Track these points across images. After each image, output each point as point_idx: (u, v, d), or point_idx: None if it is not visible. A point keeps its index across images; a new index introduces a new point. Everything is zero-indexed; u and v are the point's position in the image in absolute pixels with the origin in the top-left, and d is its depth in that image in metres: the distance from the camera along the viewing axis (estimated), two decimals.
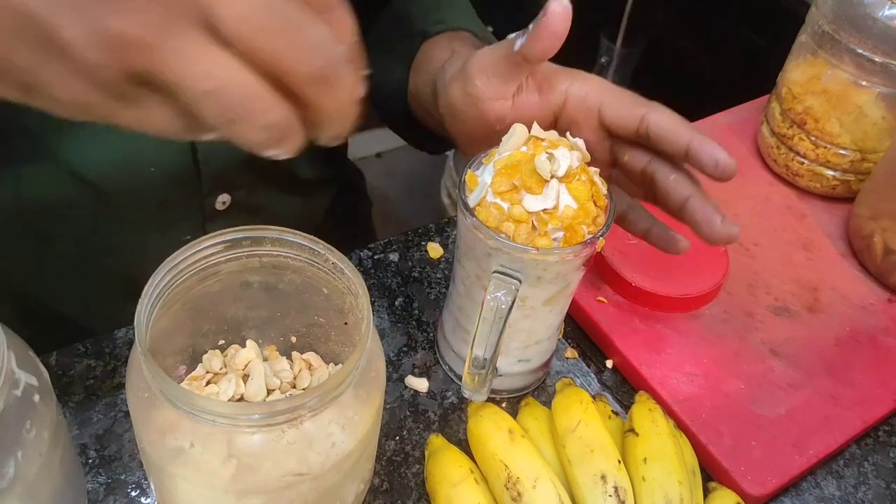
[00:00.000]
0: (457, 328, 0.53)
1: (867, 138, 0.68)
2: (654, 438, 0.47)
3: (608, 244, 0.60)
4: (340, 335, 0.47)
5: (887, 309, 0.63)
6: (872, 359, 0.59)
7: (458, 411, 0.54)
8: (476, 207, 0.45)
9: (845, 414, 0.55)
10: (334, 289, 0.43)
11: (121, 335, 0.55)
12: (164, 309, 0.40)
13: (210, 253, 0.41)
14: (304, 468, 0.39)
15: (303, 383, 0.46)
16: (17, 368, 0.36)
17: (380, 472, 0.50)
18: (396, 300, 0.60)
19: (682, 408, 0.54)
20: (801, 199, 0.73)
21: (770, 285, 0.64)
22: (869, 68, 0.64)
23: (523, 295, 0.46)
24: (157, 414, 0.38)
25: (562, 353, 0.58)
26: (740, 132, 0.78)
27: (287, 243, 0.42)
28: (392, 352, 0.57)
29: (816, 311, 0.62)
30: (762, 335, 0.60)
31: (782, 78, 0.72)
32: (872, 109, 0.66)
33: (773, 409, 0.55)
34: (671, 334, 0.59)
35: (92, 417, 0.50)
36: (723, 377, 0.56)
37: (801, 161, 0.71)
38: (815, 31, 0.67)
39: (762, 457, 0.52)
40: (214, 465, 0.38)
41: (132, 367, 0.39)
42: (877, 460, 0.55)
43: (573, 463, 0.45)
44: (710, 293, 0.61)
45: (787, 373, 0.57)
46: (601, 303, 0.60)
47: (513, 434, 0.47)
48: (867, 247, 0.65)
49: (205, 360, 0.46)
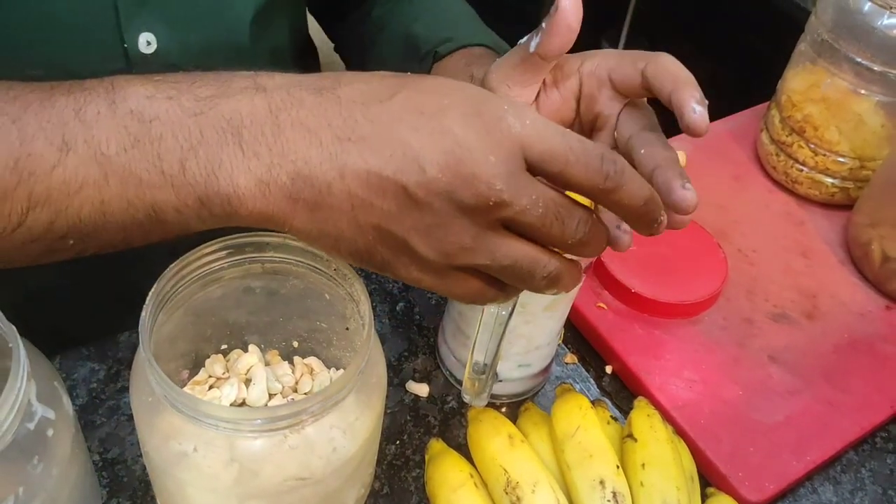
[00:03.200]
0: (457, 333, 0.53)
1: (866, 146, 0.68)
2: (653, 444, 0.47)
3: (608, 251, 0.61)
4: (342, 340, 0.47)
5: (885, 316, 0.64)
6: (870, 366, 0.59)
7: (459, 416, 0.54)
8: None
9: (843, 420, 0.55)
10: (336, 294, 0.43)
11: (124, 339, 0.55)
12: (167, 314, 0.41)
13: (213, 259, 0.41)
14: (306, 472, 0.39)
15: (304, 388, 0.47)
16: (35, 401, 0.35)
17: (380, 476, 0.50)
18: (398, 305, 0.60)
19: (680, 414, 0.54)
20: (801, 206, 0.73)
21: (769, 292, 0.64)
22: (868, 77, 0.65)
23: (523, 301, 0.46)
24: (160, 418, 0.39)
25: (561, 358, 0.59)
26: (740, 139, 0.79)
27: (290, 249, 0.42)
28: (393, 357, 0.57)
29: (815, 318, 0.63)
30: (761, 342, 0.60)
31: (782, 86, 0.73)
32: (871, 117, 0.67)
33: (772, 415, 0.55)
34: (670, 340, 0.59)
35: (95, 421, 0.50)
36: (721, 383, 0.57)
37: (800, 168, 0.72)
38: (814, 39, 0.68)
39: (760, 463, 0.52)
40: (217, 469, 0.39)
41: (136, 372, 0.40)
42: (874, 466, 0.55)
43: (572, 468, 0.46)
44: (710, 300, 0.61)
45: (786, 379, 0.58)
46: (601, 309, 0.60)
47: (512, 439, 0.47)
48: (865, 254, 0.66)
49: (207, 365, 0.47)
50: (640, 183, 0.37)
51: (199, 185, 0.35)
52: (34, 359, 0.36)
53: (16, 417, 0.33)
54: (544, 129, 0.35)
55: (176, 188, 0.35)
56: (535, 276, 0.37)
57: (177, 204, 0.36)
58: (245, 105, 0.36)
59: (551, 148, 0.35)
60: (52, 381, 0.37)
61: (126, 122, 0.35)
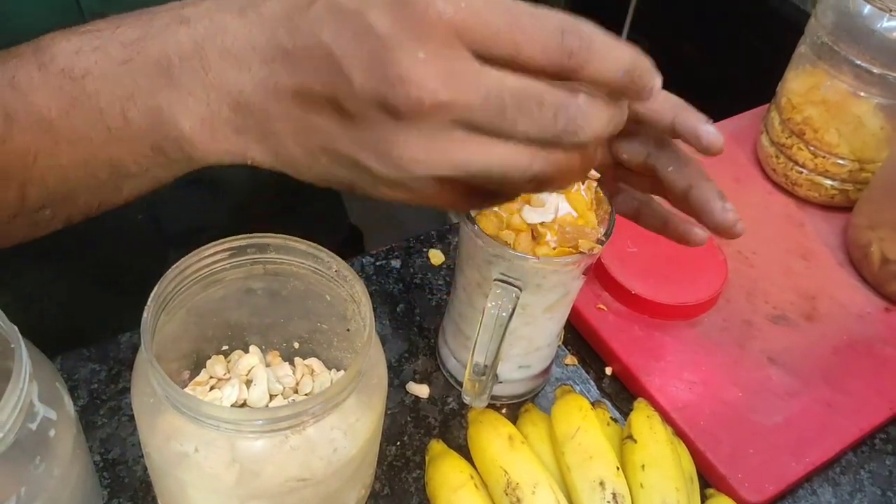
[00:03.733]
0: (458, 335, 0.54)
1: (865, 148, 0.68)
2: (653, 445, 0.47)
3: (608, 252, 0.61)
4: (343, 341, 0.47)
5: (884, 318, 0.64)
6: (869, 367, 0.60)
7: (459, 417, 0.54)
8: (477, 215, 0.46)
9: (842, 422, 0.55)
10: (337, 296, 0.43)
11: (125, 339, 0.55)
12: (169, 315, 0.41)
13: (215, 260, 0.41)
14: (307, 473, 0.39)
15: (305, 389, 0.47)
16: (37, 401, 0.35)
17: (381, 477, 0.50)
18: (398, 306, 0.61)
19: (680, 415, 0.54)
20: (800, 208, 0.73)
21: (768, 294, 0.64)
22: (867, 79, 0.65)
23: (524, 302, 0.46)
24: (161, 419, 0.39)
25: (561, 360, 0.59)
26: (740, 141, 0.79)
27: (291, 251, 0.42)
28: (393, 358, 0.57)
29: (814, 320, 0.63)
30: (760, 343, 0.60)
31: (782, 88, 0.73)
32: (871, 120, 0.67)
33: (771, 416, 0.55)
34: (670, 342, 0.59)
35: (96, 421, 0.50)
36: (721, 385, 0.57)
37: (800, 170, 0.72)
38: (814, 41, 0.68)
39: (760, 464, 0.52)
40: (218, 469, 0.39)
41: (138, 373, 0.40)
42: (873, 468, 0.55)
43: (572, 469, 0.46)
44: (709, 301, 0.61)
45: (785, 381, 0.58)
46: (601, 310, 0.60)
47: (513, 440, 0.47)
48: (865, 256, 0.66)
49: (208, 366, 0.47)
50: (614, 51, 0.31)
51: (147, 133, 0.34)
52: (36, 359, 0.36)
53: (18, 418, 0.33)
54: (483, 7, 0.30)
55: (126, 141, 0.34)
56: (515, 180, 0.32)
57: (133, 156, 0.34)
58: (170, 43, 0.33)
59: (495, 29, 0.30)
60: (53, 381, 0.37)
61: (60, 82, 0.34)
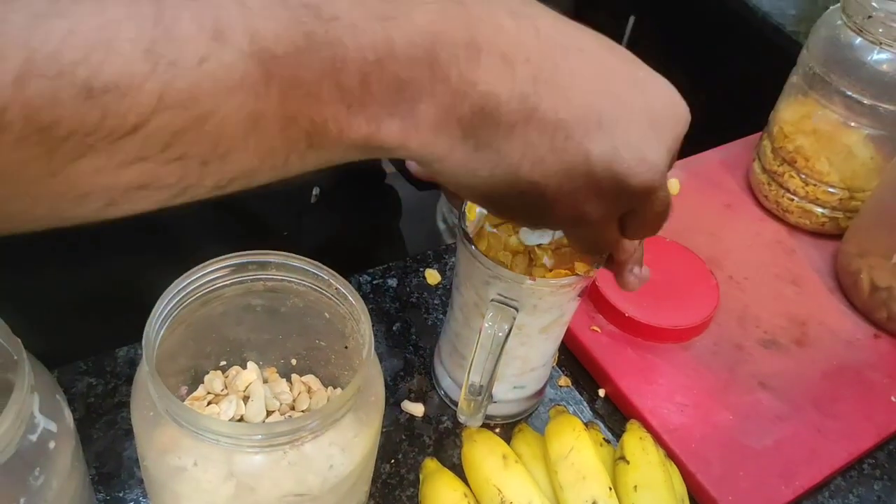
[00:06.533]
0: (454, 354, 0.54)
1: (856, 177, 0.70)
2: (645, 466, 0.48)
3: (603, 275, 0.61)
4: (340, 359, 0.47)
5: (873, 344, 0.65)
6: (858, 393, 0.60)
7: (453, 436, 0.55)
8: (475, 236, 0.47)
9: (831, 446, 0.56)
10: (336, 313, 0.44)
11: (122, 354, 0.56)
12: (169, 330, 0.41)
13: (216, 276, 0.42)
14: (303, 489, 0.40)
15: (302, 406, 0.47)
16: (38, 413, 0.35)
17: (375, 495, 0.51)
18: (394, 325, 0.61)
19: (672, 437, 0.55)
20: (791, 234, 0.74)
21: (759, 318, 0.65)
22: (858, 110, 0.66)
23: (520, 323, 0.47)
24: (160, 432, 0.39)
25: (555, 381, 0.59)
26: (732, 168, 0.80)
27: (291, 268, 0.43)
28: (388, 376, 0.57)
29: (804, 345, 0.64)
30: (751, 367, 0.61)
31: (774, 117, 0.74)
32: (861, 150, 0.68)
33: (761, 440, 0.56)
34: (663, 364, 0.60)
35: (92, 435, 0.51)
36: (712, 408, 0.57)
37: (791, 198, 0.73)
38: (806, 72, 0.69)
39: (750, 487, 0.53)
40: (215, 483, 0.39)
41: (137, 386, 0.40)
42: (861, 492, 0.56)
43: (565, 489, 0.46)
44: (701, 325, 0.62)
45: (775, 405, 0.58)
46: (595, 332, 0.61)
47: (506, 459, 0.47)
48: (854, 283, 0.67)
49: (206, 381, 0.47)
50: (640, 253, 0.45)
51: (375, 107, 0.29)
52: (37, 372, 0.36)
53: (19, 429, 0.33)
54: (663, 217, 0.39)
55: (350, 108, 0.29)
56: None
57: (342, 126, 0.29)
58: (440, 15, 0.29)
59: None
60: (53, 394, 0.38)
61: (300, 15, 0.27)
